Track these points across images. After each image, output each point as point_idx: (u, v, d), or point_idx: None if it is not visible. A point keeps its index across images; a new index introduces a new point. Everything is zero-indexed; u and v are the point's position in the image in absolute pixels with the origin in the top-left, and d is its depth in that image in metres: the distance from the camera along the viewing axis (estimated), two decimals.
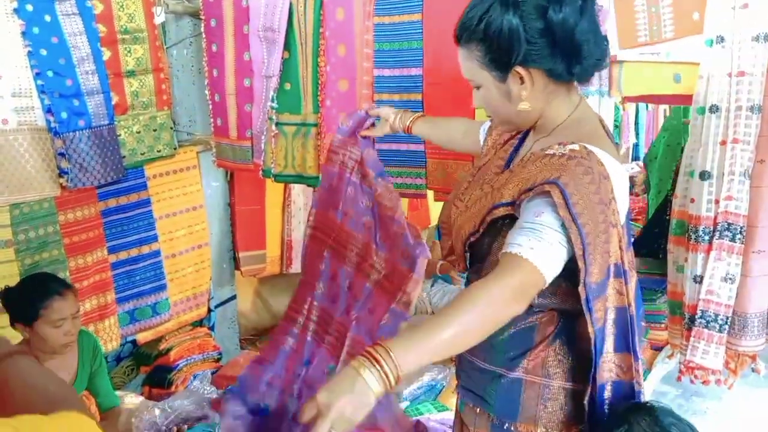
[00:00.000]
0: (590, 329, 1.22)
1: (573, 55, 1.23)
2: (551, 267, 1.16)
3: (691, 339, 2.28)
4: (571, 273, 1.21)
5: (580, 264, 1.17)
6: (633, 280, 1.34)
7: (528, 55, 1.23)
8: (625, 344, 1.29)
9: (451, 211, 1.47)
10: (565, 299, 1.30)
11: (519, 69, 1.25)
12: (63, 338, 2.13)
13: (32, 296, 2.12)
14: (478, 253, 1.41)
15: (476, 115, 2.37)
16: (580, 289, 1.19)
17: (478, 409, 1.43)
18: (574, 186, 1.15)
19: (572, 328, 1.31)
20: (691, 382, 2.41)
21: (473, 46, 1.30)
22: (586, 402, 1.27)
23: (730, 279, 2.22)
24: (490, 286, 1.13)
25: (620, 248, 1.24)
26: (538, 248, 1.15)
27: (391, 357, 1.04)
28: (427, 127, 1.84)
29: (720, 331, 2.25)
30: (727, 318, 2.25)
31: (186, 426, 2.57)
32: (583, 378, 1.30)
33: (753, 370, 2.39)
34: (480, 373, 1.41)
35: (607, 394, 1.29)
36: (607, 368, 1.28)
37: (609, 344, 1.27)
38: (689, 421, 1.27)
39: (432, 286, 4.03)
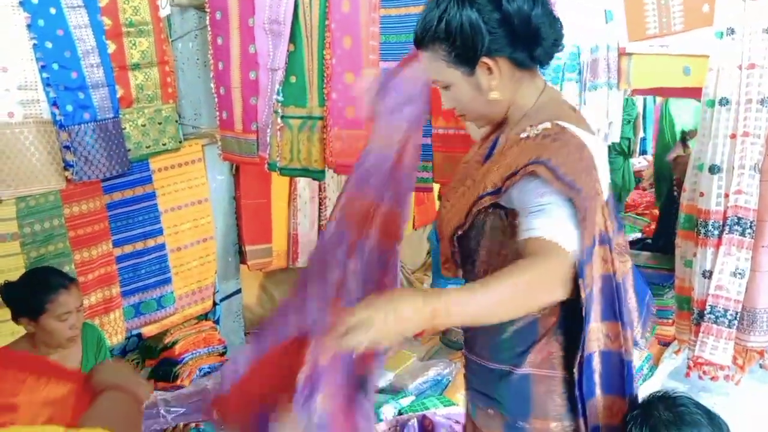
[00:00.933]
0: (582, 294, 1.22)
1: (532, 39, 1.28)
2: (571, 242, 1.18)
3: (700, 335, 2.26)
4: None
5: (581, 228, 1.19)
6: (626, 264, 1.39)
7: (491, 45, 1.26)
8: (612, 312, 1.30)
9: (441, 214, 1.49)
10: None
11: (486, 60, 1.28)
12: (68, 332, 2.12)
13: (37, 290, 2.11)
14: (466, 250, 1.41)
15: None
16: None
17: (490, 411, 1.42)
18: (557, 160, 1.18)
19: (573, 316, 1.30)
20: (700, 377, 2.40)
21: (437, 46, 1.31)
22: (575, 371, 1.28)
23: (740, 274, 2.20)
24: (530, 271, 1.14)
25: (603, 216, 1.28)
26: (554, 226, 1.17)
27: (439, 295, 1.10)
28: None
29: (729, 326, 2.23)
30: (736, 313, 2.23)
31: (193, 425, 2.57)
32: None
33: (761, 366, 2.38)
34: (488, 373, 1.41)
35: (596, 365, 1.30)
36: (595, 337, 1.29)
37: (596, 313, 1.29)
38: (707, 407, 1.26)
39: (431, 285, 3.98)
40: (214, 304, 3.53)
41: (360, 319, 1.06)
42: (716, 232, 2.24)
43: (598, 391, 1.32)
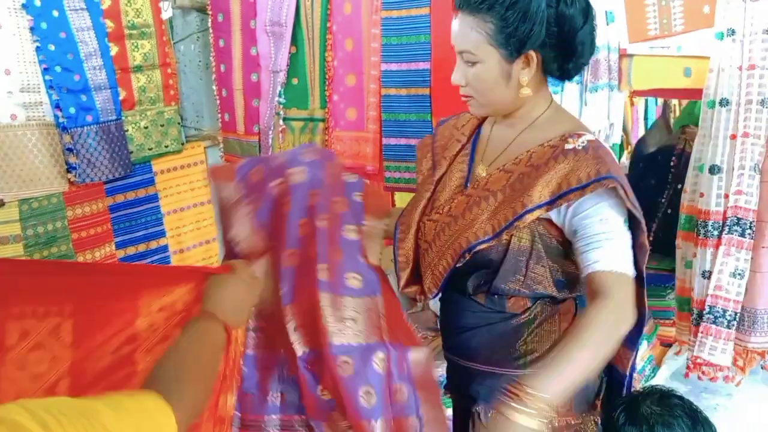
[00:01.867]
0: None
1: (572, 52, 1.25)
2: (632, 265, 1.23)
3: (699, 335, 2.26)
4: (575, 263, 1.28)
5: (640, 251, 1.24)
6: None
7: (543, 41, 1.23)
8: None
9: (427, 228, 1.40)
10: (575, 288, 1.35)
11: (532, 53, 1.24)
12: None
13: None
14: (482, 261, 1.34)
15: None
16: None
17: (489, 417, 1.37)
18: (620, 175, 1.20)
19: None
20: (699, 378, 2.39)
21: (488, 18, 1.21)
22: (627, 372, 1.33)
23: (739, 274, 2.20)
24: (609, 310, 1.18)
25: None
26: (622, 256, 1.21)
27: (531, 392, 1.12)
28: None
29: (728, 327, 2.23)
30: (736, 314, 2.23)
31: None
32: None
33: (762, 367, 2.37)
34: (497, 382, 1.32)
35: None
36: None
37: None
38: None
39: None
40: None
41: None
42: (716, 233, 2.24)
43: None
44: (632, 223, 1.24)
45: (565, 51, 1.25)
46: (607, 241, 1.20)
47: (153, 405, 0.88)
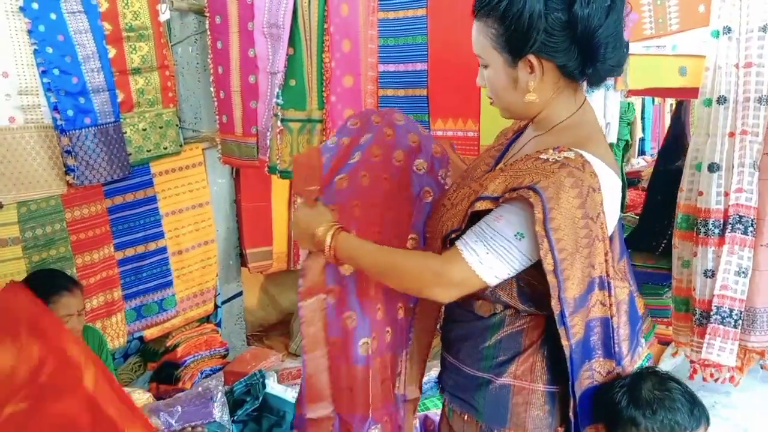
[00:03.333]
0: (565, 342, 1.20)
1: (590, 55, 1.18)
2: (493, 272, 1.19)
3: (707, 336, 2.24)
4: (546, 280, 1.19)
5: (551, 279, 1.15)
6: (624, 291, 1.33)
7: (544, 46, 1.17)
8: (607, 351, 1.28)
9: (439, 212, 1.43)
10: (543, 305, 1.26)
11: (531, 58, 1.19)
12: None
13: (40, 291, 2.12)
14: None
15: (481, 106, 2.36)
16: (554, 304, 1.17)
17: (465, 416, 1.39)
18: (557, 200, 1.12)
19: (558, 331, 1.27)
20: (704, 380, 2.39)
21: (490, 22, 1.21)
22: (571, 415, 1.25)
23: (743, 273, 2.20)
24: (429, 263, 1.26)
25: (605, 261, 1.22)
26: (482, 253, 1.18)
27: (335, 236, 1.34)
28: None
29: (735, 326, 2.22)
30: (741, 313, 2.22)
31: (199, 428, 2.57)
32: (566, 380, 1.27)
33: (762, 366, 2.37)
34: (467, 379, 1.38)
35: (588, 398, 1.27)
36: (587, 376, 1.26)
37: (595, 353, 1.26)
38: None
39: None
40: (216, 306, 3.54)
41: (294, 221, 1.43)
42: (717, 231, 2.24)
43: (591, 420, 1.29)
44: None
45: (583, 54, 1.18)
46: (482, 233, 1.19)
47: None
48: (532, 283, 1.24)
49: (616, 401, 1.24)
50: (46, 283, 2.15)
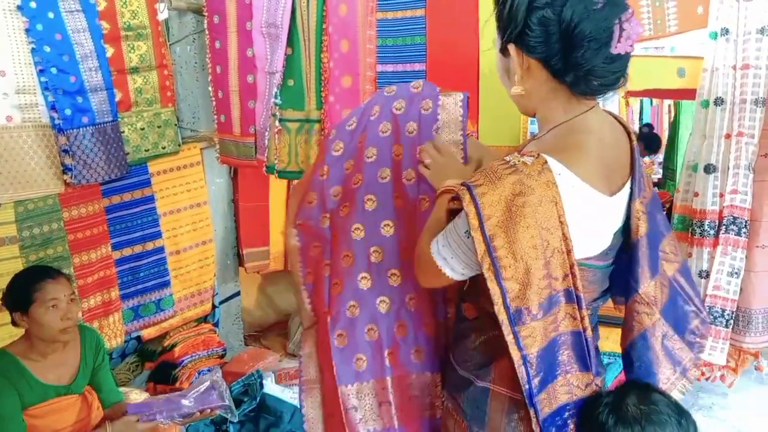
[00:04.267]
0: (514, 353, 1.16)
1: (567, 56, 1.15)
2: (447, 264, 1.22)
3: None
4: None
5: (492, 286, 1.13)
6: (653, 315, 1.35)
7: (523, 39, 1.18)
8: (581, 365, 1.25)
9: None
10: None
11: (510, 47, 1.21)
12: (60, 322, 2.11)
13: (25, 282, 2.13)
14: None
15: (480, 112, 2.37)
16: (498, 311, 1.14)
17: (456, 416, 1.39)
18: (497, 205, 1.11)
19: None
20: (697, 379, 2.40)
21: (496, 13, 1.27)
22: (535, 426, 1.21)
23: (736, 274, 2.21)
24: (419, 248, 1.32)
25: (572, 274, 1.17)
26: (442, 246, 1.23)
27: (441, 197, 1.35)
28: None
29: (726, 326, 2.24)
30: (732, 313, 2.24)
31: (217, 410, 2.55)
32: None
33: (755, 367, 2.38)
34: (458, 379, 1.39)
35: (568, 414, 1.26)
36: (566, 391, 1.24)
37: (568, 365, 1.24)
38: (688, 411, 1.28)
39: None
40: (213, 306, 3.54)
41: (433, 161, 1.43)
42: (712, 232, 2.25)
43: None
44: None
45: (562, 55, 1.16)
46: (449, 231, 1.23)
47: None
48: None
49: (603, 421, 1.21)
50: (28, 277, 2.16)
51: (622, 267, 1.35)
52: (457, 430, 1.39)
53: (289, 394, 2.91)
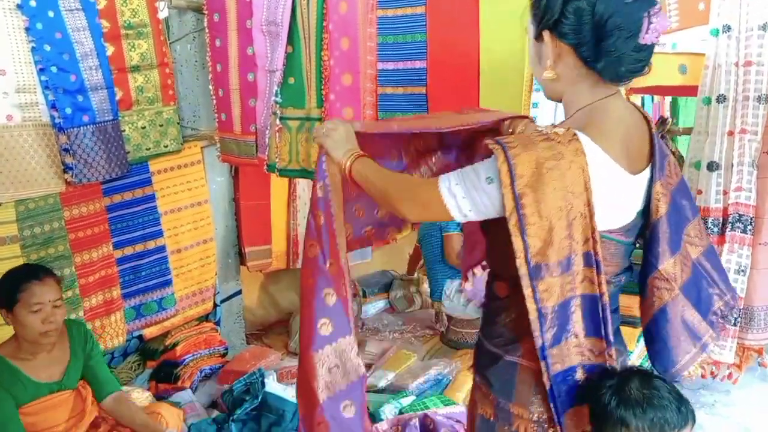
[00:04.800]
0: (530, 306, 1.25)
1: (599, 45, 1.26)
2: (457, 204, 1.30)
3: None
4: None
5: (517, 240, 1.23)
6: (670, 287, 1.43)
7: (558, 26, 1.29)
8: (595, 330, 1.31)
9: None
10: None
11: (545, 33, 1.31)
12: (41, 326, 2.10)
13: (13, 281, 2.13)
14: (492, 238, 1.49)
15: (480, 104, 2.36)
16: (519, 264, 1.23)
17: (483, 388, 1.49)
18: (528, 164, 1.20)
19: None
20: (702, 377, 2.40)
21: (533, 2, 1.36)
22: (545, 380, 1.30)
23: (742, 271, 2.21)
24: (407, 182, 1.53)
25: (593, 239, 1.25)
26: (453, 183, 1.30)
27: (355, 157, 1.55)
28: None
29: (734, 324, 2.24)
30: (740, 310, 2.23)
31: None
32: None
33: (759, 364, 2.38)
34: (486, 354, 1.48)
35: (579, 375, 1.32)
36: (577, 352, 1.31)
37: (578, 327, 1.30)
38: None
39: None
40: (215, 305, 3.54)
41: (328, 131, 1.62)
42: (716, 230, 2.24)
43: (576, 401, 1.33)
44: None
45: (593, 42, 1.26)
46: (461, 172, 1.31)
47: None
48: None
49: (605, 402, 1.26)
50: (17, 275, 2.17)
51: (643, 247, 1.47)
52: (485, 402, 1.48)
53: (291, 393, 2.90)
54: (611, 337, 1.32)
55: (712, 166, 2.23)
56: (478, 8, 2.32)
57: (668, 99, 5.22)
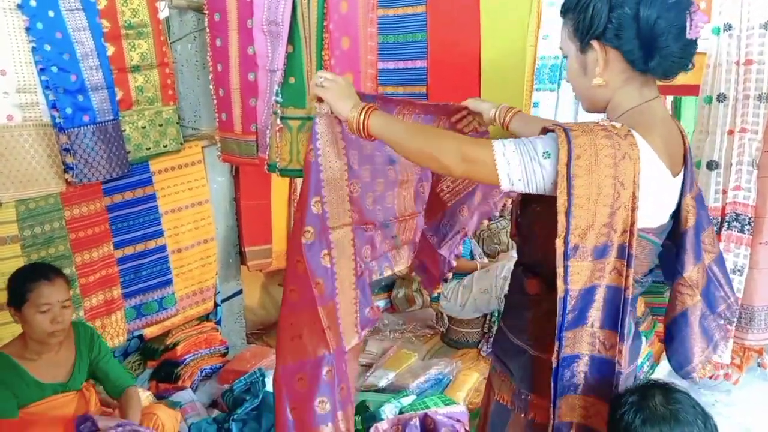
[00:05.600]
0: (560, 285, 1.28)
1: (650, 45, 1.30)
2: (507, 170, 1.30)
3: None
4: None
5: (561, 219, 1.26)
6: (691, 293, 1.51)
7: (607, 33, 1.32)
8: (612, 322, 1.33)
9: None
10: None
11: (595, 44, 1.34)
12: (49, 326, 2.11)
13: (22, 280, 2.14)
14: (525, 232, 1.54)
15: None
16: (558, 243, 1.27)
17: (504, 377, 1.57)
18: (586, 148, 1.23)
19: None
20: (700, 377, 2.40)
21: (568, 16, 1.40)
22: (553, 360, 1.32)
23: (739, 271, 2.20)
24: (455, 136, 1.43)
25: (630, 232, 1.29)
26: (509, 149, 1.30)
27: (373, 110, 1.49)
28: (521, 124, 1.86)
29: (732, 324, 2.23)
30: (737, 310, 2.23)
31: None
32: None
33: (759, 364, 2.38)
34: (510, 345, 1.54)
35: (583, 366, 1.33)
36: (589, 340, 1.33)
37: (595, 316, 1.32)
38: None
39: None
40: (216, 305, 3.54)
41: (328, 83, 1.58)
42: (715, 229, 2.24)
43: (579, 390, 1.35)
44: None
45: (644, 44, 1.31)
46: (517, 140, 1.32)
47: None
48: None
49: (629, 420, 1.23)
50: (27, 274, 2.17)
51: (670, 252, 1.52)
52: (503, 389, 1.57)
53: None
54: (625, 333, 1.34)
55: (711, 165, 2.23)
56: (479, 8, 2.32)
57: (668, 98, 5.22)
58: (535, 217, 1.44)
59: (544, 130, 1.33)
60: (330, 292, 1.59)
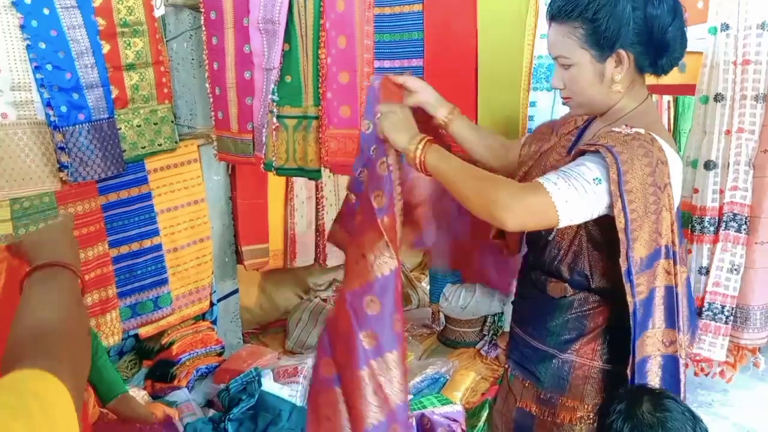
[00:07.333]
0: (629, 299, 1.31)
1: (662, 49, 1.35)
2: (568, 209, 1.27)
3: (698, 332, 2.27)
4: (616, 252, 1.32)
5: (622, 237, 1.28)
6: (683, 274, 1.47)
7: (628, 39, 1.34)
8: (671, 320, 1.37)
9: None
10: (611, 281, 1.40)
11: (621, 51, 1.35)
12: None
13: None
14: (536, 236, 1.54)
15: (478, 107, 2.35)
16: (621, 260, 1.29)
17: (527, 383, 1.58)
18: (630, 164, 1.25)
19: (622, 318, 1.38)
20: (695, 374, 2.40)
21: (578, 24, 1.35)
22: (628, 372, 1.35)
23: (735, 270, 2.20)
24: (508, 186, 1.32)
25: (672, 231, 1.33)
26: (563, 188, 1.26)
27: (430, 145, 1.45)
28: (467, 128, 1.81)
29: (726, 322, 2.24)
30: (732, 309, 2.24)
31: None
32: (623, 360, 1.39)
33: (753, 364, 2.38)
34: (533, 351, 1.55)
35: (653, 368, 1.37)
36: (651, 342, 1.36)
37: (658, 319, 1.36)
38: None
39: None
40: (212, 304, 3.53)
41: (385, 113, 1.53)
42: (712, 229, 2.24)
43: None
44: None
45: (656, 48, 1.35)
46: (564, 173, 1.29)
47: (35, 387, 0.70)
48: (605, 265, 1.40)
49: (618, 429, 1.23)
50: None
51: None
52: (526, 396, 1.58)
53: (287, 392, 2.90)
54: (680, 325, 1.38)
55: (708, 165, 2.23)
56: (476, 6, 2.31)
57: (666, 98, 5.25)
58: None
59: (581, 152, 1.33)
60: (388, 203, 1.54)
